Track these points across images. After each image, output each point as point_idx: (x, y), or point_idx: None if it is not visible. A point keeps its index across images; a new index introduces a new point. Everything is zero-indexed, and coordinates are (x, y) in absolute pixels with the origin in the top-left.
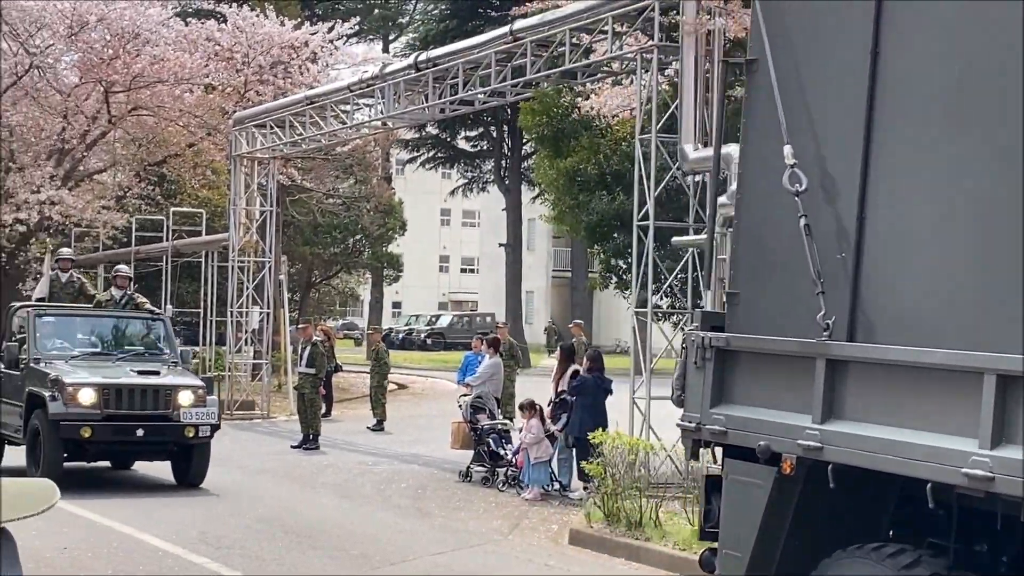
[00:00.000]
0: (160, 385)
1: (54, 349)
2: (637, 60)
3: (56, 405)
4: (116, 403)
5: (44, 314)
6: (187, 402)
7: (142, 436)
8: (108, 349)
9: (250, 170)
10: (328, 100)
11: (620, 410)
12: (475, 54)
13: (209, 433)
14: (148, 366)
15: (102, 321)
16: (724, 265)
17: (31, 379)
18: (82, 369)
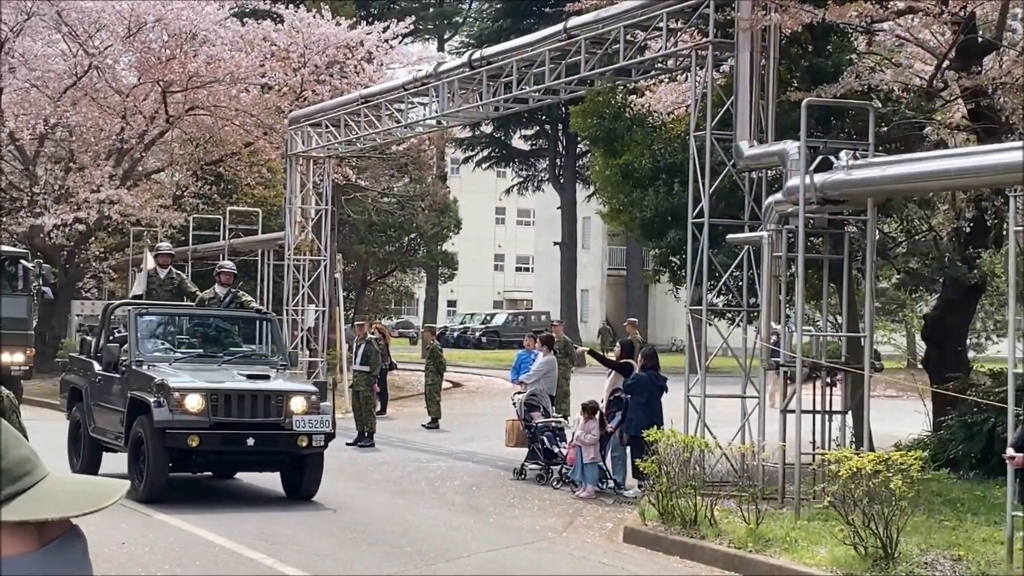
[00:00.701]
0: (271, 391)
1: (156, 351)
2: (691, 57)
3: (161, 412)
4: (225, 410)
5: (145, 313)
6: (300, 409)
7: (252, 446)
8: (213, 351)
9: (306, 169)
10: (383, 99)
11: (675, 408)
12: (529, 52)
13: (323, 443)
14: (256, 369)
15: (206, 320)
16: (780, 262)
17: (133, 383)
18: (187, 372)
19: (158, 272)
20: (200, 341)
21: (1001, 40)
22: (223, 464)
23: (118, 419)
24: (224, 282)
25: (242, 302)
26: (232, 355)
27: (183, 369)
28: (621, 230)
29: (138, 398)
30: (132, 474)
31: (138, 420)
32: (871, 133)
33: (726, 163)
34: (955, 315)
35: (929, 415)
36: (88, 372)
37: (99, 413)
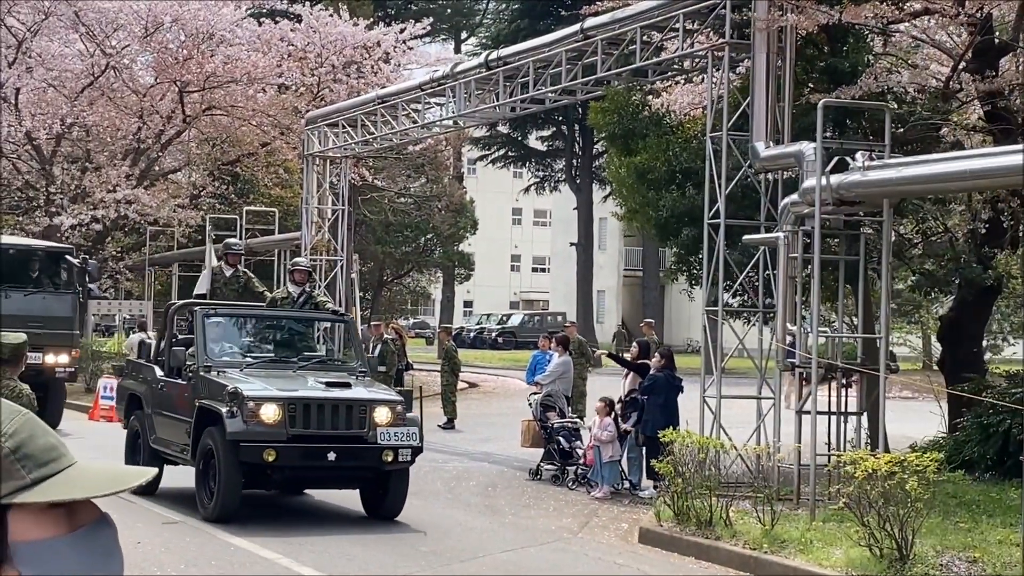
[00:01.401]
0: (354, 400)
1: (224, 355)
2: (708, 58)
3: (235, 423)
4: (304, 421)
5: (213, 314)
6: (385, 420)
7: (333, 461)
8: (286, 355)
9: (322, 169)
10: (400, 99)
11: (691, 409)
12: (546, 52)
13: (410, 458)
14: (335, 376)
15: (278, 322)
16: (795, 263)
17: (201, 390)
18: (260, 379)
19: (223, 270)
20: (272, 345)
21: (1018, 41)
22: (301, 481)
23: (183, 430)
24: (297, 280)
25: (317, 302)
26: (307, 360)
27: (256, 376)
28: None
29: (207, 407)
30: (200, 491)
31: (207, 431)
32: (887, 134)
33: (742, 164)
34: (971, 316)
35: (945, 416)
36: (148, 378)
37: (161, 423)
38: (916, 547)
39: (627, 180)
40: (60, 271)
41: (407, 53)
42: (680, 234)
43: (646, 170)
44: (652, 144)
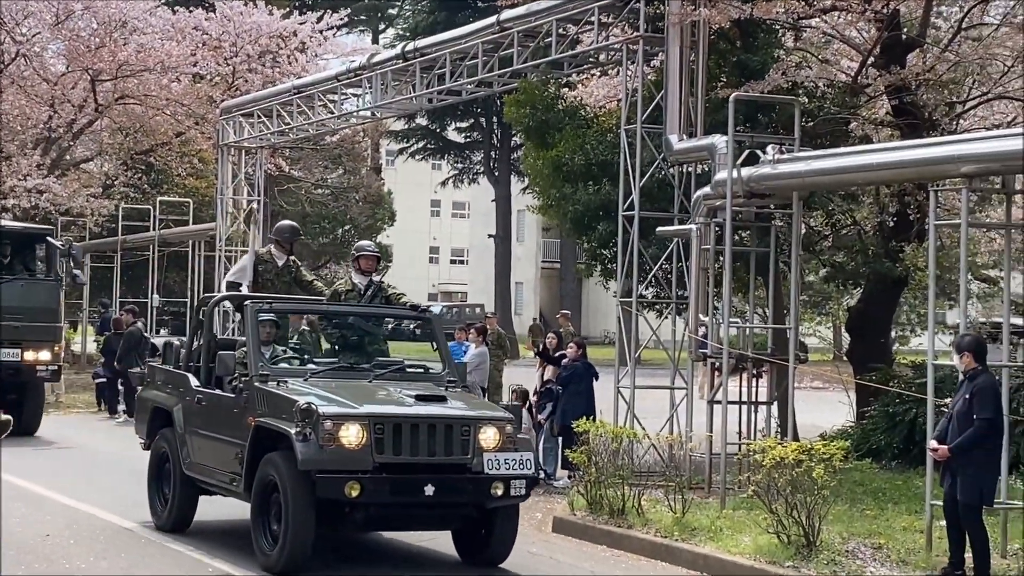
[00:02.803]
0: (455, 418)
1: (283, 361)
2: (623, 51)
3: (308, 448)
4: (394, 446)
5: (268, 310)
6: (492, 443)
7: (432, 496)
8: (355, 361)
9: (238, 159)
10: (316, 90)
11: (605, 399)
12: (462, 44)
13: (524, 491)
14: (422, 388)
15: (346, 321)
16: (708, 255)
17: (258, 405)
18: (332, 392)
19: (274, 256)
20: (339, 349)
21: (924, 37)
22: (388, 520)
23: (232, 455)
24: (364, 269)
25: (388, 295)
26: (383, 367)
27: (325, 388)
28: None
29: (269, 427)
30: (258, 534)
31: (267, 458)
32: (797, 128)
33: (656, 157)
34: (879, 308)
35: (853, 406)
36: (181, 388)
37: (200, 445)
38: (823, 534)
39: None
40: (40, 256)
41: (324, 43)
42: (595, 228)
43: (562, 163)
44: (568, 136)
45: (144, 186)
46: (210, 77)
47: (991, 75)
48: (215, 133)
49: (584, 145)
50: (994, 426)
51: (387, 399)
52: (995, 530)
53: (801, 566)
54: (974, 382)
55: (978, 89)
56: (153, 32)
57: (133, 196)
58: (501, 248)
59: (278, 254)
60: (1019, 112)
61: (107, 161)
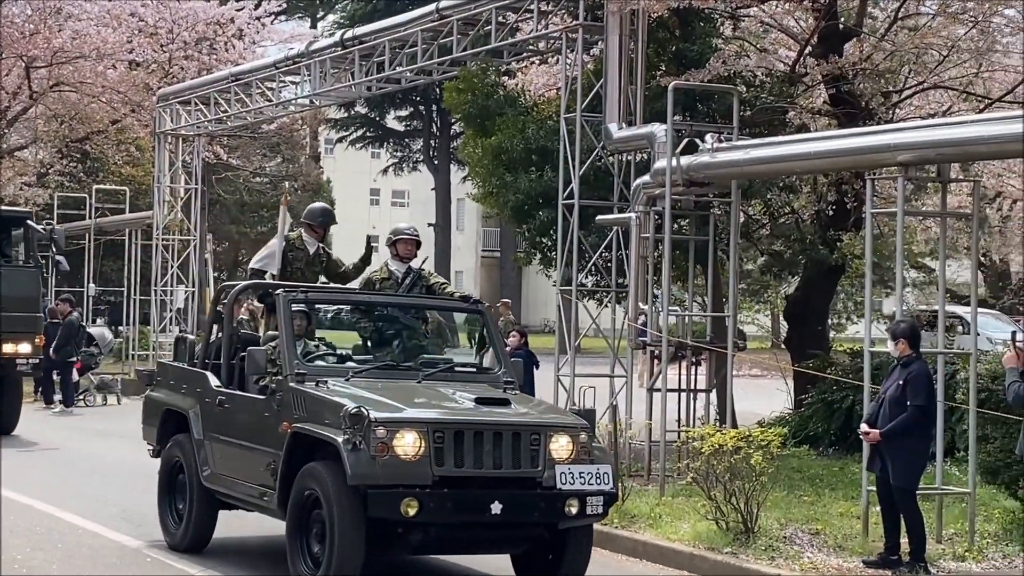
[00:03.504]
0: (523, 425)
1: (319, 358)
2: (562, 39)
3: (358, 459)
4: (456, 456)
5: (303, 300)
6: (565, 454)
7: (499, 514)
8: (400, 359)
9: (175, 147)
10: (254, 77)
11: (545, 388)
12: (402, 32)
13: (602, 510)
14: (478, 389)
15: (386, 313)
16: (647, 243)
17: (295, 409)
18: (380, 394)
19: (306, 242)
20: (378, 344)
21: (861, 27)
22: (449, 543)
23: (262, 465)
24: (402, 255)
25: (430, 284)
26: (432, 366)
27: (370, 389)
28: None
29: (309, 434)
30: (296, 557)
31: (307, 470)
32: (735, 117)
33: (596, 145)
34: (816, 296)
35: (790, 393)
36: (199, 389)
37: (223, 453)
38: (761, 520)
39: (483, 161)
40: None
41: (261, 30)
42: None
43: (502, 151)
44: (508, 124)
45: (80, 174)
46: (146, 64)
47: (927, 64)
48: (152, 121)
49: (524, 133)
50: (926, 413)
51: (444, 403)
52: (931, 515)
53: (739, 552)
54: (908, 368)
55: (914, 78)
56: (89, 19)
57: (68, 184)
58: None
59: (309, 240)
60: (954, 101)
61: (42, 149)
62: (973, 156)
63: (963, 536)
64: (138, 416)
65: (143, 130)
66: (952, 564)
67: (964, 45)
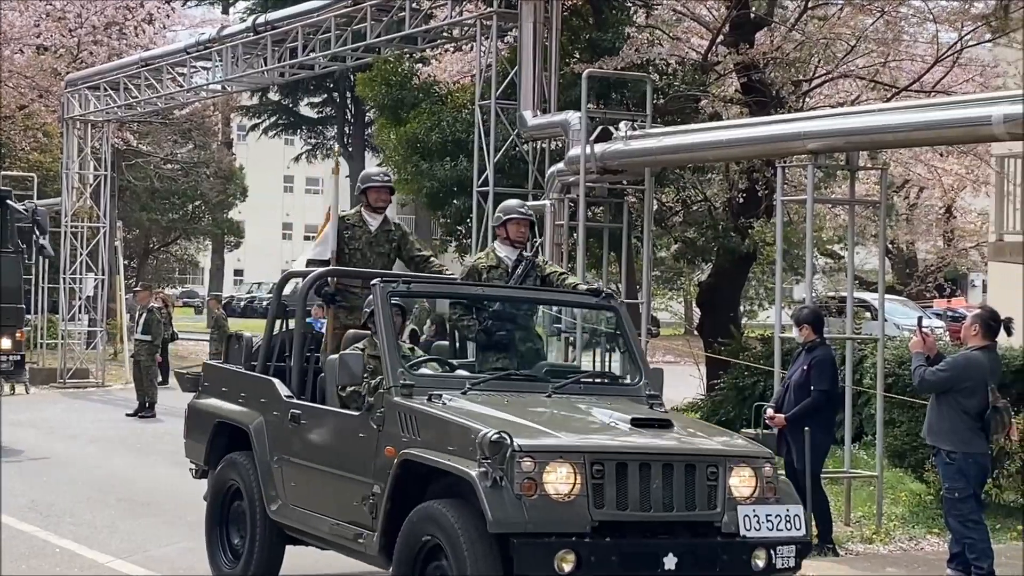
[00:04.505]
0: (697, 454)
1: (420, 365)
2: (476, 26)
3: (500, 499)
4: (619, 495)
5: (405, 294)
6: (747, 490)
7: (673, 570)
8: (517, 366)
9: (84, 133)
10: (164, 62)
11: None
12: (315, 17)
13: (794, 562)
14: (623, 406)
15: (498, 310)
16: (562, 231)
17: (403, 429)
18: (512, 413)
19: (365, 220)
20: (492, 349)
21: (772, 16)
22: None
23: (356, 498)
24: (514, 239)
25: (546, 275)
26: (560, 375)
27: (496, 406)
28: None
29: (426, 463)
30: None
31: (425, 511)
32: (649, 105)
33: (511, 133)
34: (728, 283)
35: (703, 379)
36: (263, 399)
37: (298, 480)
38: None
39: (398, 149)
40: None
41: (172, 15)
42: (450, 203)
43: (417, 140)
44: (423, 113)
45: None
46: (55, 49)
47: (835, 54)
48: (60, 106)
49: (440, 122)
50: (830, 398)
51: (593, 425)
52: (840, 498)
53: None
54: (812, 354)
55: (823, 67)
56: None
57: None
58: None
59: (370, 216)
60: (862, 90)
61: None
62: (880, 144)
63: (871, 519)
64: (50, 406)
65: (51, 116)
66: (860, 546)
67: (872, 35)
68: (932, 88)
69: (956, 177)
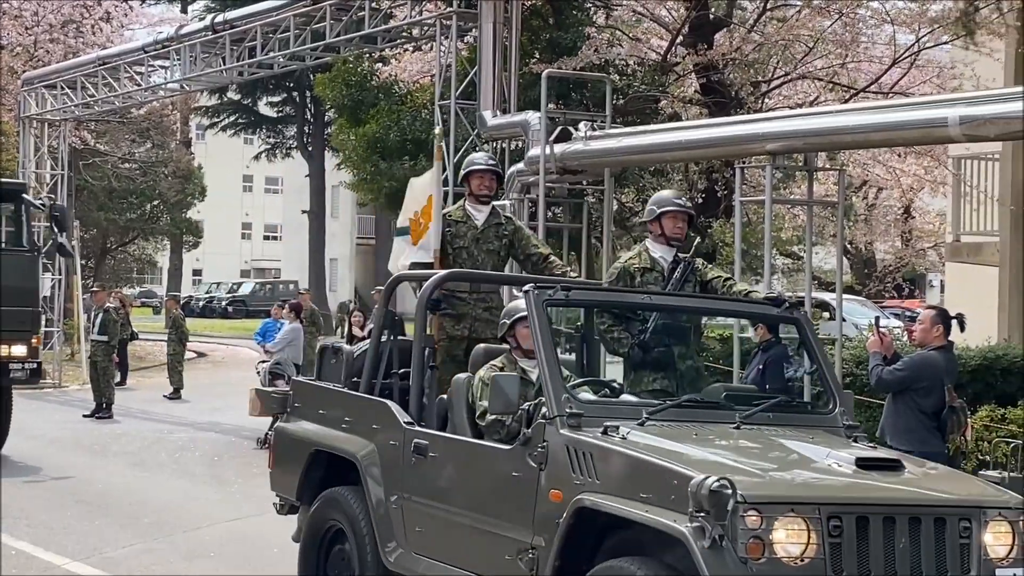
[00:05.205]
0: (946, 505)
1: (584, 390)
2: (436, 26)
3: (722, 563)
4: (859, 557)
5: (563, 302)
6: (1003, 549)
7: None
8: (679, 387)
9: (40, 132)
10: (122, 61)
11: None
12: (274, 16)
13: None
14: (829, 440)
15: (659, 321)
16: None
17: (574, 469)
18: (710, 450)
19: (470, 215)
20: (644, 365)
21: (731, 18)
22: None
23: (509, 551)
24: (670, 236)
25: (707, 280)
26: (742, 401)
27: (683, 438)
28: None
29: (612, 513)
30: None
31: (609, 571)
32: (608, 105)
33: (471, 133)
34: None
35: None
36: (375, 425)
37: (426, 525)
38: None
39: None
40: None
41: (129, 13)
42: None
43: (376, 140)
44: (382, 113)
45: None
46: (11, 47)
47: (794, 55)
48: (16, 105)
49: (399, 121)
50: None
51: (815, 468)
52: None
53: None
54: (767, 353)
55: (782, 69)
56: None
57: None
58: (315, 224)
59: (475, 209)
60: (820, 91)
61: None
62: (839, 145)
63: None
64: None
65: (7, 114)
66: None
67: (830, 36)
68: (890, 89)
69: (914, 178)
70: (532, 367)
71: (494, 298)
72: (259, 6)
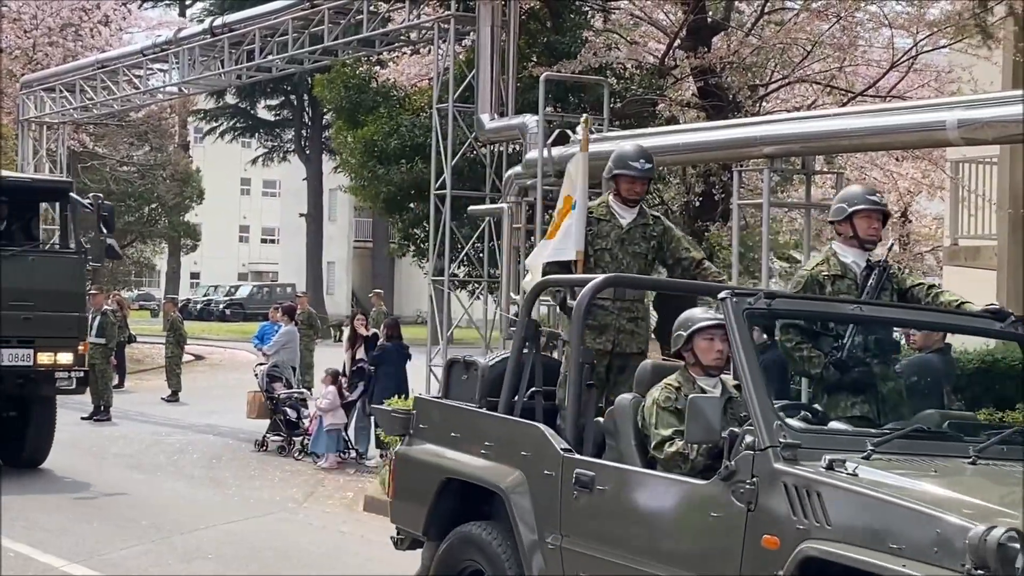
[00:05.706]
0: None
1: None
2: (434, 29)
3: None
4: None
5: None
6: None
7: None
8: (880, 412)
9: (39, 135)
10: (120, 64)
11: (417, 378)
12: (272, 20)
13: None
14: None
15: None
16: (519, 234)
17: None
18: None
19: (615, 213)
20: (840, 388)
21: (729, 21)
22: None
23: None
24: (863, 237)
25: (906, 288)
26: (968, 430)
27: (926, 477)
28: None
29: (852, 565)
30: None
31: None
32: (606, 108)
33: (468, 136)
34: None
35: None
36: (527, 452)
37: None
38: None
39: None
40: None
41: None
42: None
43: (374, 144)
44: (381, 118)
45: None
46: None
47: (792, 59)
48: (15, 108)
49: (398, 127)
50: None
51: None
52: None
53: None
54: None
55: (780, 72)
56: None
57: None
58: (313, 227)
59: (620, 207)
60: (818, 95)
61: None
62: (836, 149)
63: None
64: None
65: (6, 118)
66: None
67: (828, 40)
68: (888, 93)
69: (912, 182)
70: (712, 387)
71: (639, 307)
72: (257, 9)
